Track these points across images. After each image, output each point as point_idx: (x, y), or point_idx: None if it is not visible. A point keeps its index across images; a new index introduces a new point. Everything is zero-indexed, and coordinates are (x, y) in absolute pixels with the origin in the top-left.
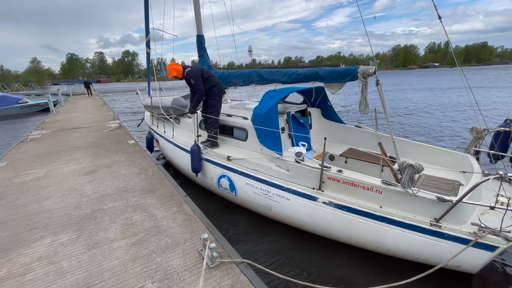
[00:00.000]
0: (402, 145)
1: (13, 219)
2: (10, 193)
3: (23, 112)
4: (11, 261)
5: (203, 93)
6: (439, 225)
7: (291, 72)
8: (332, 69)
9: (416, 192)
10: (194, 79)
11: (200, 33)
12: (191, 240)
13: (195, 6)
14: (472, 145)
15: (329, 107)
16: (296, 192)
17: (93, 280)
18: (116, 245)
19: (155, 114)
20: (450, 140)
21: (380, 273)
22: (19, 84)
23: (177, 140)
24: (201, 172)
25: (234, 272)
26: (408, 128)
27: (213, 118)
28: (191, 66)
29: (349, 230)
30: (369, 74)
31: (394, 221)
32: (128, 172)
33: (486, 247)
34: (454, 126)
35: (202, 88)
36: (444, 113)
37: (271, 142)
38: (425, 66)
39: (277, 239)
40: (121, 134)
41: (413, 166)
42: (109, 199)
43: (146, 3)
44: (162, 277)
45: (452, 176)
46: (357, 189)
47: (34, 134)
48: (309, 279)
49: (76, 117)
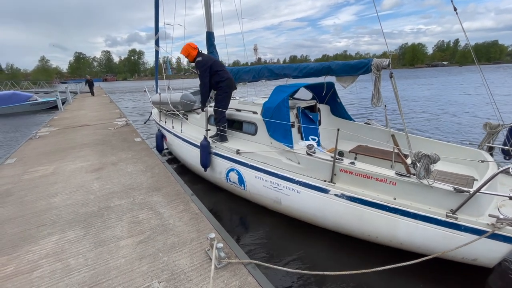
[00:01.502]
0: (414, 141)
1: (22, 215)
2: (19, 189)
3: (33, 110)
4: (19, 257)
5: (206, 87)
6: (456, 216)
7: (303, 67)
8: (345, 63)
9: (432, 183)
10: (200, 70)
11: (210, 30)
12: (198, 240)
13: (206, 4)
14: (486, 140)
15: (338, 103)
16: (307, 185)
17: (100, 279)
18: (122, 243)
19: (163, 110)
20: (463, 136)
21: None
22: (28, 82)
23: (186, 135)
24: (209, 166)
25: (242, 273)
26: (419, 125)
27: (219, 112)
28: (204, 56)
29: (361, 223)
30: (383, 67)
31: (409, 213)
32: (135, 170)
33: (504, 238)
34: (466, 122)
35: (206, 82)
36: (456, 110)
37: (281, 135)
38: (434, 65)
39: (285, 238)
40: (128, 132)
41: (429, 156)
42: (116, 197)
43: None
44: (168, 276)
45: (466, 172)
46: (370, 181)
47: (42, 131)
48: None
49: (84, 115)
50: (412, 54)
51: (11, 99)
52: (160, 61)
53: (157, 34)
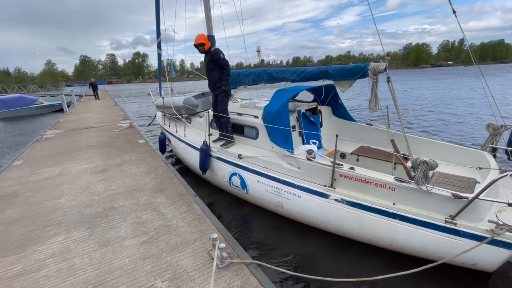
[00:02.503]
0: (416, 143)
1: (28, 216)
2: (26, 190)
3: (39, 113)
4: (26, 257)
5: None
6: (455, 222)
7: (301, 71)
8: (342, 67)
9: (430, 189)
10: (221, 57)
11: (210, 33)
12: (201, 240)
13: (206, 8)
14: (489, 142)
15: (340, 105)
16: (307, 190)
17: (104, 278)
18: (126, 244)
19: (167, 114)
20: (465, 138)
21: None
22: (35, 85)
23: (188, 139)
24: (212, 170)
25: (244, 273)
26: (422, 126)
27: (226, 118)
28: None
29: (361, 228)
30: (380, 71)
31: (408, 218)
32: (139, 171)
33: (504, 244)
34: (469, 123)
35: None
36: (459, 110)
37: (282, 140)
38: (438, 65)
39: (287, 239)
40: (132, 134)
41: (427, 163)
42: (120, 198)
43: (157, 5)
44: (171, 276)
45: (468, 173)
46: (369, 186)
47: (48, 134)
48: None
49: (88, 117)
50: (416, 54)
51: (18, 102)
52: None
53: (159, 38)
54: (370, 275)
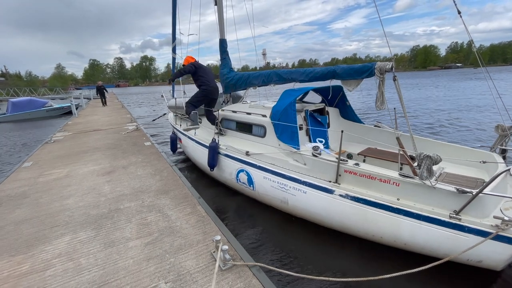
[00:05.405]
0: (424, 144)
1: (37, 216)
2: (34, 191)
3: (49, 115)
4: (34, 256)
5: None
6: (459, 217)
7: (309, 71)
8: (349, 67)
9: (434, 184)
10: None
11: (223, 37)
12: (204, 242)
13: (219, 11)
14: (498, 143)
15: (347, 106)
16: (312, 185)
17: (109, 278)
18: (131, 244)
19: (178, 114)
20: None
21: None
22: (45, 89)
23: (198, 137)
24: (220, 167)
25: (247, 275)
26: (430, 128)
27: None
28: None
29: (365, 223)
30: (386, 70)
31: (412, 213)
32: (144, 173)
33: (510, 240)
34: (479, 125)
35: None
36: (468, 112)
37: (288, 137)
38: (447, 67)
39: (291, 241)
40: (138, 136)
41: (430, 157)
42: (126, 199)
43: (174, 10)
44: (175, 277)
45: (477, 174)
46: (374, 182)
47: (57, 136)
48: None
49: (96, 120)
50: (424, 56)
51: (28, 105)
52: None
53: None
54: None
